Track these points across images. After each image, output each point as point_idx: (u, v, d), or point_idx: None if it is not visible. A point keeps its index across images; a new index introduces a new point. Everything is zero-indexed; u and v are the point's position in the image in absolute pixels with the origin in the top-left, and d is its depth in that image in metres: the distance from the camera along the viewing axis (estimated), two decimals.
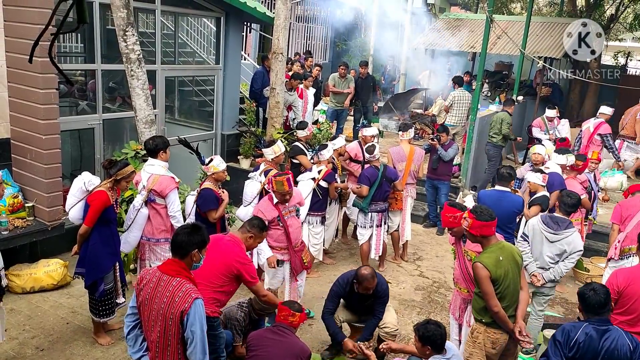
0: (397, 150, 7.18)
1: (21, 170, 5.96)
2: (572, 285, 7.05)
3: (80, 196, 4.68)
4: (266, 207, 5.14)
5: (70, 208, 4.73)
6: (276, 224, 5.14)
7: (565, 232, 4.97)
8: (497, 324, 3.91)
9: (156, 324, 3.10)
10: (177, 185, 5.17)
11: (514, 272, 3.91)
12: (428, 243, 8.11)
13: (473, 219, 3.89)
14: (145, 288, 3.16)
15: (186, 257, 3.16)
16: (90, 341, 4.96)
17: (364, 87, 10.93)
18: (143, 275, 3.23)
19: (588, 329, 3.40)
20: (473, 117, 8.97)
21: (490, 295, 3.81)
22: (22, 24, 5.51)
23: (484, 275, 3.80)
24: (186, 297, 3.02)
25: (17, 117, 5.85)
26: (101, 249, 4.66)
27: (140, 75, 6.09)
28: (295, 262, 5.28)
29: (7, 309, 4.95)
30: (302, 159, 6.87)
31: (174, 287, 3.05)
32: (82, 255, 4.69)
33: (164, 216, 5.15)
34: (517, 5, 20.62)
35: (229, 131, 9.10)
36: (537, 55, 11.78)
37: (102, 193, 4.58)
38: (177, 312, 3.01)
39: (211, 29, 9.29)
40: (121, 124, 7.70)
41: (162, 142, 5.21)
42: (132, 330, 3.30)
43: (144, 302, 3.16)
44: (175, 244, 3.17)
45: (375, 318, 4.76)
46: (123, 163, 4.76)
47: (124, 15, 5.85)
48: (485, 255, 3.89)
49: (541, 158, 6.91)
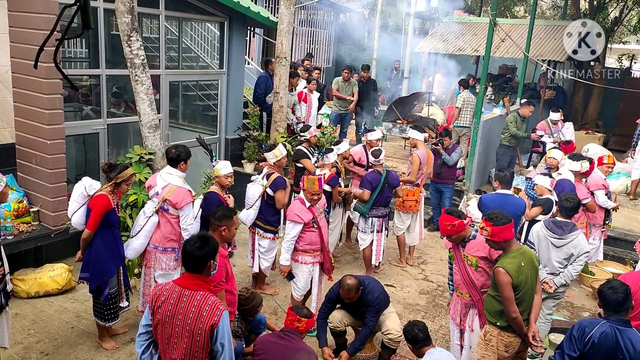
0: (423, 154, 7.20)
1: (26, 175, 5.98)
2: (578, 289, 7.01)
3: (82, 201, 4.65)
4: (301, 210, 5.14)
5: (72, 214, 4.71)
6: (311, 226, 5.15)
7: (571, 236, 4.95)
8: (512, 327, 3.91)
9: (181, 340, 3.00)
10: (193, 200, 5.05)
11: (532, 278, 3.91)
12: (432, 247, 8.09)
13: (491, 226, 3.86)
14: (164, 306, 3.02)
15: (203, 270, 3.09)
16: (94, 345, 4.96)
17: (365, 90, 10.94)
18: (159, 293, 3.07)
19: (605, 327, 3.37)
20: (477, 120, 8.96)
21: (510, 300, 3.81)
22: (27, 30, 5.54)
23: (506, 281, 3.78)
24: (214, 310, 2.95)
25: (22, 122, 5.87)
26: (104, 253, 4.65)
27: (144, 80, 6.11)
28: (327, 262, 5.32)
29: (12, 313, 4.95)
30: (305, 163, 6.88)
31: (199, 302, 2.97)
32: (85, 260, 4.68)
33: (174, 225, 5.03)
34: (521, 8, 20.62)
35: (232, 135, 9.12)
36: (540, 58, 11.77)
37: (103, 197, 4.57)
38: (206, 326, 2.93)
39: (215, 34, 9.32)
40: (125, 128, 7.71)
41: (185, 153, 5.08)
42: (146, 350, 3.17)
43: (163, 320, 3.03)
44: (189, 260, 3.07)
45: (365, 327, 4.76)
46: (122, 166, 4.74)
47: (128, 20, 5.87)
48: (507, 260, 3.86)
49: (556, 163, 6.89)
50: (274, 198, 5.76)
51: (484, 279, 4.25)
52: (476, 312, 4.36)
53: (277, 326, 4.91)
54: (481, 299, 4.26)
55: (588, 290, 6.93)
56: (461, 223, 4.21)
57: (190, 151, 5.23)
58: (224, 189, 5.34)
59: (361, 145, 7.69)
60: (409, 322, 4.36)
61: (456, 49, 13.41)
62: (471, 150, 9.07)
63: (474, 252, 4.26)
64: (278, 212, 5.88)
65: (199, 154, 8.18)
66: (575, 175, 6.63)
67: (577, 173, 6.66)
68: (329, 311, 4.86)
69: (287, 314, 4.25)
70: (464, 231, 4.27)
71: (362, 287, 4.68)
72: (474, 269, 4.26)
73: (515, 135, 9.06)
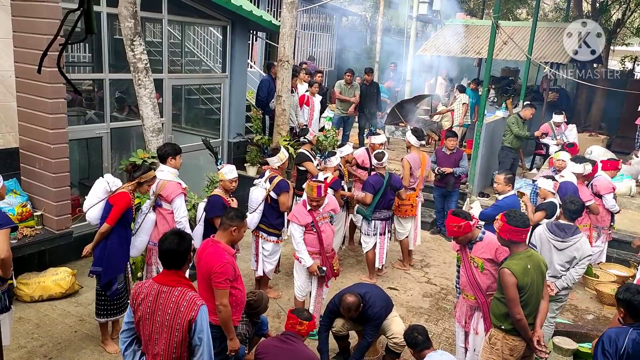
0: (414, 158, 7.19)
1: (30, 179, 6.00)
2: (582, 292, 6.98)
3: (103, 196, 4.79)
4: (300, 212, 5.17)
5: (89, 208, 4.82)
6: (310, 229, 5.17)
7: (573, 239, 4.93)
8: (517, 331, 3.89)
9: (161, 336, 3.07)
10: (183, 191, 5.21)
11: (538, 282, 3.90)
12: (435, 250, 8.08)
13: (504, 222, 3.90)
14: (143, 303, 3.11)
15: (183, 266, 3.16)
16: (98, 349, 4.97)
17: (368, 93, 10.95)
18: (138, 290, 3.16)
19: (634, 334, 3.30)
20: (480, 123, 8.96)
21: (515, 302, 3.80)
22: (31, 35, 5.56)
23: (511, 282, 3.78)
24: (192, 305, 3.02)
25: (25, 126, 5.89)
26: (118, 249, 4.78)
27: (147, 84, 6.13)
28: (328, 268, 5.30)
29: (15, 317, 4.98)
30: (308, 166, 6.88)
31: (177, 297, 3.05)
32: (99, 254, 4.77)
33: (170, 222, 5.17)
34: (523, 11, 20.63)
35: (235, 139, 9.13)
36: (543, 60, 11.75)
37: (126, 194, 4.73)
38: (183, 321, 3.00)
39: (218, 38, 9.35)
40: (129, 132, 7.74)
41: (171, 149, 5.34)
42: (129, 347, 3.26)
43: (144, 317, 3.11)
44: (167, 256, 3.12)
45: (364, 340, 4.74)
46: (146, 167, 4.91)
47: (132, 25, 5.89)
48: (513, 261, 3.87)
49: (565, 164, 6.88)
50: (277, 201, 5.77)
51: (489, 281, 4.24)
52: (481, 315, 4.36)
53: (281, 330, 4.89)
54: (486, 302, 4.25)
55: (592, 292, 6.90)
56: (467, 224, 4.21)
57: (179, 148, 5.42)
58: (228, 192, 5.37)
59: (364, 148, 7.69)
60: (408, 326, 4.36)
61: (458, 51, 13.41)
62: (474, 152, 9.06)
63: (480, 254, 4.27)
64: (282, 215, 5.89)
65: (202, 157, 8.22)
66: (578, 178, 6.61)
67: (579, 175, 6.65)
68: (330, 323, 4.81)
69: (287, 317, 4.25)
70: (471, 232, 4.27)
71: (362, 304, 4.63)
72: (480, 271, 4.26)
73: (518, 135, 9.04)
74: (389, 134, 11.43)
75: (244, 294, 4.09)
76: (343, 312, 4.64)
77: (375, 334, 4.79)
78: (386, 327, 4.79)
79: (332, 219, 5.46)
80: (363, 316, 4.69)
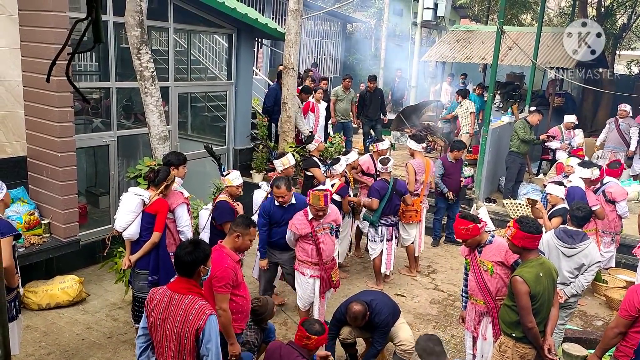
0: (418, 163, 7.18)
1: (37, 188, 6.03)
2: (591, 298, 6.93)
3: (139, 210, 4.72)
4: (300, 222, 5.12)
5: (127, 226, 4.70)
6: (309, 239, 5.13)
7: (582, 245, 4.89)
8: (527, 339, 3.85)
9: (170, 343, 3.08)
10: (185, 201, 5.11)
11: (550, 290, 3.86)
12: (442, 256, 8.04)
13: (517, 228, 3.84)
14: (156, 309, 3.14)
15: (194, 275, 3.15)
16: (106, 357, 4.97)
17: (372, 100, 10.94)
18: (152, 296, 3.20)
19: None
20: (486, 128, 8.94)
21: (527, 310, 3.75)
22: (38, 44, 5.61)
23: (524, 290, 3.73)
24: (200, 314, 3.01)
25: (33, 135, 5.93)
26: (168, 254, 4.78)
27: (153, 92, 6.16)
28: (324, 278, 5.24)
29: (23, 325, 4.98)
30: (315, 172, 6.89)
31: (186, 305, 3.05)
32: (154, 263, 4.76)
33: (173, 231, 5.07)
34: (528, 16, 20.61)
35: (241, 146, 9.15)
36: (548, 65, 11.73)
37: (164, 201, 4.74)
38: (191, 330, 3.00)
39: (223, 46, 9.40)
40: (135, 140, 7.77)
41: (175, 159, 5.28)
42: (144, 352, 3.29)
43: (155, 324, 3.14)
44: (180, 264, 3.13)
45: (372, 348, 4.73)
46: (165, 169, 4.87)
47: (138, 33, 5.93)
48: (525, 269, 3.82)
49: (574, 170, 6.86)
50: None
51: (499, 285, 4.21)
52: (490, 321, 4.33)
53: (288, 338, 4.87)
54: (495, 306, 4.22)
55: (601, 298, 6.85)
56: (475, 227, 4.19)
57: (183, 157, 5.35)
58: (233, 198, 5.37)
59: (369, 154, 7.69)
60: (425, 337, 4.28)
61: (463, 57, 13.40)
62: (480, 158, 9.03)
63: (490, 257, 4.24)
64: None
65: (207, 164, 8.23)
66: (586, 183, 6.58)
67: (587, 180, 6.61)
68: (337, 331, 4.79)
69: (298, 328, 4.15)
70: (479, 236, 4.25)
71: (369, 312, 4.61)
72: (489, 274, 4.23)
73: (524, 139, 8.99)
74: (394, 139, 11.41)
75: (247, 302, 4.07)
76: (350, 320, 4.62)
77: (384, 342, 4.76)
78: (394, 334, 4.76)
79: (333, 230, 5.34)
80: (370, 324, 4.67)
